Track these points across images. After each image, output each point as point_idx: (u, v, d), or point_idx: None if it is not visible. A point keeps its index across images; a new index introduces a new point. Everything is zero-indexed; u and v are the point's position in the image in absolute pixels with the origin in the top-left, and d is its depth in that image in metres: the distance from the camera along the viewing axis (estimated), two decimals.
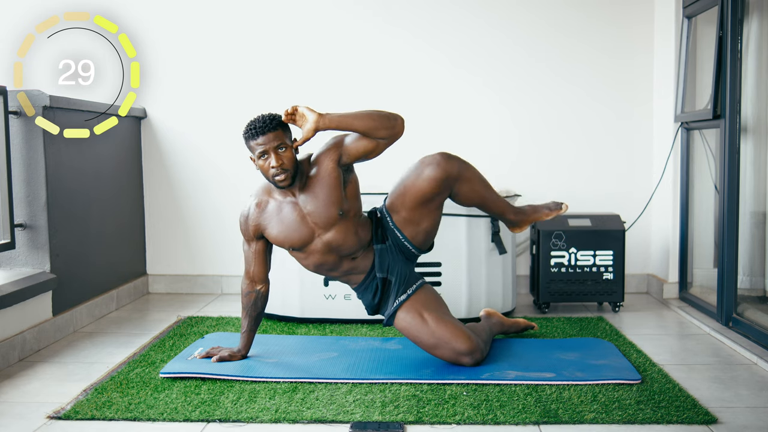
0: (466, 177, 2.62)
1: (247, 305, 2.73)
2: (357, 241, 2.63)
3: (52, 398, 2.41)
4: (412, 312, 2.63)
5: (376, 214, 2.73)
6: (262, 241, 2.68)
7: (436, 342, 2.60)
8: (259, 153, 2.50)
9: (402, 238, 2.66)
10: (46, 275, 3.08)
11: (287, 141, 2.51)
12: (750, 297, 3.29)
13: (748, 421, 2.20)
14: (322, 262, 2.65)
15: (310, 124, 2.46)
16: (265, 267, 2.72)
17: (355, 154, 2.55)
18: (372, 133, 2.50)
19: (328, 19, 4.06)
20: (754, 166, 3.29)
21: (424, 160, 2.60)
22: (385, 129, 2.51)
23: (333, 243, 2.60)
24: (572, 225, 3.58)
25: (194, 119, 4.11)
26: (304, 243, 2.61)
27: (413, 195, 2.60)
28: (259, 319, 2.77)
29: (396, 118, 2.53)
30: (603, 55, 4.05)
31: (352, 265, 2.69)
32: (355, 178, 2.66)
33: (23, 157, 3.08)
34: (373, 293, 2.70)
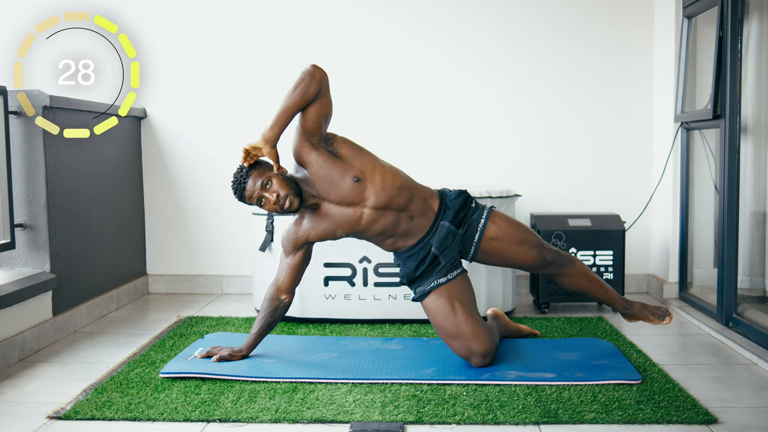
0: (566, 274, 2.76)
1: (266, 310, 2.73)
2: (397, 190, 2.62)
3: (52, 398, 2.41)
4: (446, 297, 2.65)
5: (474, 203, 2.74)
6: (301, 253, 2.71)
7: (457, 334, 2.62)
8: (256, 203, 2.60)
9: (477, 241, 2.69)
10: (46, 275, 3.08)
11: (268, 174, 2.57)
12: (750, 297, 3.29)
13: (748, 421, 2.20)
14: (385, 225, 2.64)
15: (264, 147, 2.53)
16: (295, 280, 2.75)
17: (315, 124, 2.57)
18: (305, 99, 2.52)
19: (328, 19, 4.06)
20: (754, 166, 3.29)
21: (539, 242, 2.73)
22: (310, 85, 2.52)
23: (378, 203, 2.60)
24: (572, 225, 3.58)
25: (194, 119, 4.11)
26: (356, 222, 2.62)
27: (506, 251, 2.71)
28: (273, 327, 2.77)
29: (308, 72, 2.54)
30: (603, 55, 4.05)
31: (409, 226, 2.66)
32: (342, 140, 2.66)
33: (23, 157, 3.08)
34: (418, 264, 2.68)
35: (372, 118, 4.04)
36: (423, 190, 2.72)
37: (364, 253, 3.34)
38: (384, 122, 4.06)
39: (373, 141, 3.35)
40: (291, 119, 2.55)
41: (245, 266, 4.08)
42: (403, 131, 4.07)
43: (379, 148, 3.21)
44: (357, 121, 3.89)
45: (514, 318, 3.44)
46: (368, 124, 3.99)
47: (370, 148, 2.77)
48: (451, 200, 2.71)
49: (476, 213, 2.71)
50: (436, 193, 2.74)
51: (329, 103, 2.60)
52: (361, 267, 3.35)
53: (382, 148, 3.30)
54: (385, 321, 3.36)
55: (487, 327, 2.72)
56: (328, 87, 2.59)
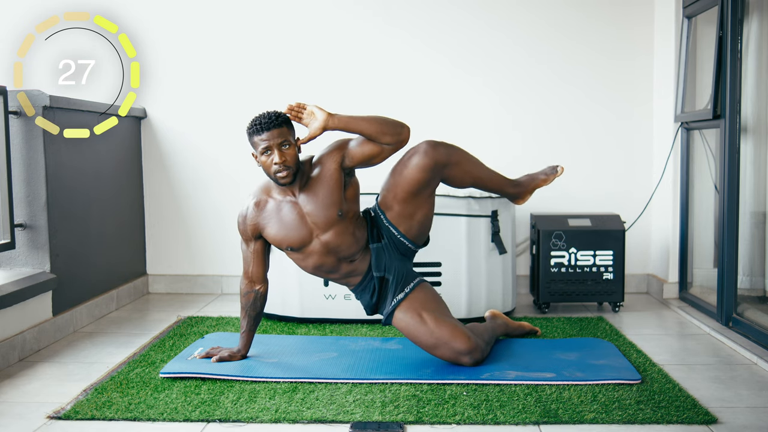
0: (454, 161, 2.61)
1: (246, 305, 2.73)
2: (354, 242, 2.63)
3: (52, 398, 2.41)
4: (411, 311, 2.63)
5: (370, 213, 2.73)
6: (260, 241, 2.68)
7: (436, 342, 2.60)
8: (262, 149, 2.49)
9: (397, 234, 2.66)
10: (46, 275, 3.08)
11: (291, 139, 2.51)
12: (750, 297, 3.29)
13: (748, 421, 2.20)
14: (321, 263, 2.65)
15: (318, 122, 2.48)
16: (263, 267, 2.72)
17: (359, 158, 2.55)
18: (378, 137, 2.50)
19: (327, 19, 4.06)
20: (754, 166, 3.29)
21: (409, 151, 2.61)
22: (392, 135, 2.51)
23: (331, 244, 2.60)
24: (572, 225, 3.58)
25: (194, 119, 4.11)
26: (303, 243, 2.60)
27: (404, 187, 2.59)
28: (259, 319, 2.76)
29: (403, 126, 2.54)
30: (603, 56, 4.05)
31: (350, 267, 2.68)
32: (356, 182, 2.66)
33: (23, 157, 3.08)
34: (371, 293, 2.70)
35: None
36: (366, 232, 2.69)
37: None
38: None
39: None
40: (354, 133, 2.53)
41: None
42: None
43: None
44: None
45: (514, 318, 3.44)
46: None
47: None
48: None
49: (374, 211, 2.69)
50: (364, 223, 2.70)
51: (383, 160, 2.57)
52: None
53: None
54: None
55: (467, 326, 2.71)
56: (394, 152, 2.57)
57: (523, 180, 2.82)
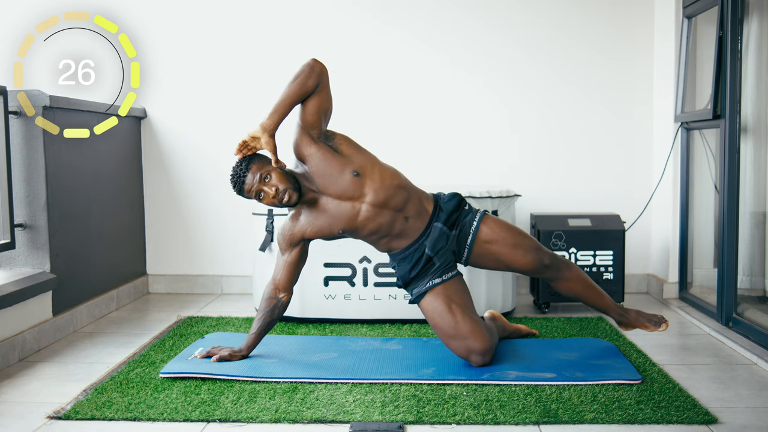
0: (563, 278, 2.77)
1: (264, 309, 2.73)
2: (395, 189, 2.63)
3: (52, 398, 2.41)
4: (442, 297, 2.65)
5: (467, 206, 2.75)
6: (297, 250, 2.70)
7: (455, 333, 2.62)
8: (255, 197, 2.59)
9: (467, 249, 2.70)
10: (46, 275, 3.08)
11: (267, 168, 2.57)
12: (750, 297, 3.29)
13: (748, 421, 2.20)
14: (381, 224, 2.63)
15: (261, 137, 2.54)
16: (292, 277, 2.74)
17: (314, 117, 2.58)
18: (304, 90, 2.54)
19: (327, 20, 4.06)
20: (754, 166, 3.29)
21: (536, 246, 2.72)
22: (309, 78, 2.54)
23: (379, 199, 2.60)
24: (572, 225, 3.58)
25: (194, 119, 4.11)
26: (352, 218, 2.61)
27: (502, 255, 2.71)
28: (271, 326, 2.76)
29: (308, 65, 2.57)
30: (603, 55, 4.05)
31: (404, 227, 2.66)
32: (342, 137, 2.67)
33: (23, 157, 3.08)
34: (412, 265, 2.69)
35: (372, 118, 4.04)
36: (419, 192, 2.73)
37: (364, 253, 3.34)
38: (384, 122, 4.06)
39: (374, 141, 3.35)
40: (289, 110, 2.56)
41: (245, 266, 4.08)
42: (404, 131, 4.07)
43: (380, 148, 3.20)
44: (357, 121, 3.89)
45: (514, 318, 3.44)
46: (368, 124, 3.99)
47: (370, 148, 2.77)
48: (445, 203, 2.73)
49: (469, 215, 2.72)
50: (431, 196, 2.76)
51: (329, 97, 2.61)
52: (361, 267, 3.35)
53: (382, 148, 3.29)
54: (385, 321, 3.36)
55: (486, 326, 2.72)
56: (328, 81, 2.60)
57: (630, 312, 2.85)
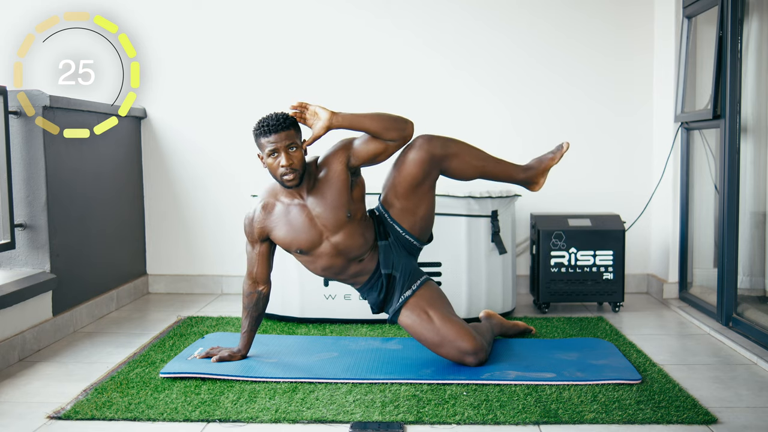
0: (452, 152, 2.59)
1: (248, 306, 2.73)
2: (364, 243, 2.63)
3: (52, 398, 2.41)
4: (417, 310, 2.63)
5: (375, 212, 2.73)
6: (266, 243, 2.68)
7: (441, 340, 2.60)
8: (269, 151, 2.48)
9: (402, 231, 2.66)
10: (46, 275, 3.08)
11: (298, 141, 2.51)
12: (750, 297, 3.29)
13: (748, 421, 2.20)
14: (330, 265, 2.64)
15: (322, 122, 2.47)
16: (267, 268, 2.73)
17: (365, 156, 2.55)
18: (383, 134, 2.50)
19: (328, 20, 4.06)
20: (754, 166, 3.29)
21: (406, 147, 2.61)
22: (396, 131, 2.51)
23: (341, 245, 2.60)
24: (572, 225, 3.58)
25: (194, 119, 4.11)
26: (313, 246, 2.60)
27: (403, 183, 2.59)
28: (260, 320, 2.77)
29: (406, 121, 2.54)
30: (603, 55, 4.05)
31: (359, 267, 2.68)
32: (362, 181, 2.66)
33: (23, 157, 3.08)
34: (379, 291, 2.69)
35: None
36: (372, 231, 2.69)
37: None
38: None
39: None
40: (359, 131, 2.53)
41: (245, 266, 4.06)
42: None
43: None
44: None
45: (513, 318, 3.44)
46: None
47: None
48: None
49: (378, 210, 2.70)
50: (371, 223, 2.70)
51: (388, 156, 2.57)
52: None
53: None
54: (385, 321, 3.36)
55: (471, 326, 2.72)
56: (399, 148, 2.57)
57: (532, 163, 2.77)
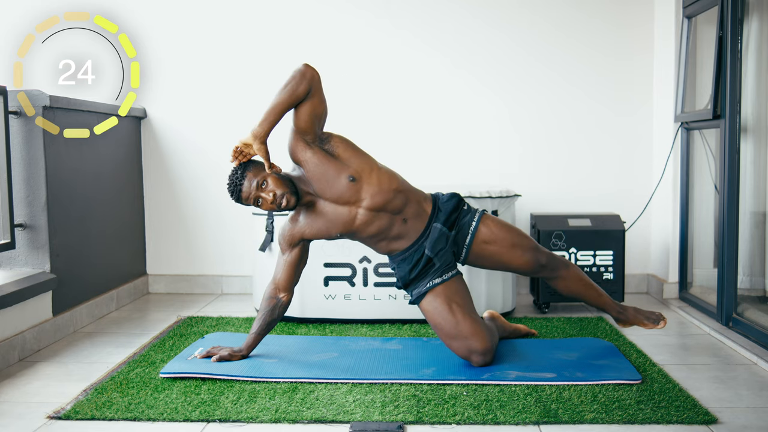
0: (561, 277, 2.78)
1: (265, 309, 2.73)
2: (393, 193, 2.63)
3: (52, 398, 2.41)
4: (442, 298, 2.65)
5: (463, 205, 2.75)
6: (297, 250, 2.71)
7: (457, 334, 2.62)
8: (254, 203, 2.61)
9: (467, 245, 2.71)
10: (46, 275, 3.08)
11: (262, 173, 2.58)
12: (750, 297, 3.29)
13: (748, 421, 2.20)
14: (379, 227, 2.65)
15: (254, 144, 2.55)
16: (292, 278, 2.74)
17: (307, 123, 2.58)
18: (295, 97, 2.54)
19: (328, 20, 4.06)
20: (754, 166, 3.29)
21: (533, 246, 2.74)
22: (300, 84, 2.54)
23: (373, 205, 2.61)
24: (572, 225, 3.58)
25: (194, 119, 4.11)
26: (349, 223, 2.63)
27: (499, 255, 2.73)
28: (271, 327, 2.77)
29: (299, 71, 2.56)
30: (603, 55, 4.05)
31: (402, 229, 2.67)
32: (339, 139, 2.66)
33: (23, 157, 3.08)
34: (412, 266, 2.69)
35: (373, 118, 4.04)
36: (417, 193, 2.73)
37: (364, 253, 3.34)
38: (385, 123, 4.06)
39: (374, 141, 3.36)
40: (280, 116, 2.56)
41: (245, 266, 4.08)
42: (404, 132, 4.07)
43: (380, 148, 3.21)
44: (358, 121, 3.89)
45: (514, 318, 3.44)
46: (369, 124, 3.99)
47: (371, 148, 2.77)
48: (443, 203, 2.73)
49: (468, 216, 2.73)
50: (430, 197, 2.76)
51: (322, 101, 2.60)
52: (361, 267, 3.35)
53: (382, 148, 3.30)
54: (385, 321, 3.36)
55: (486, 326, 2.72)
56: (320, 86, 2.58)
57: (628, 309, 2.86)
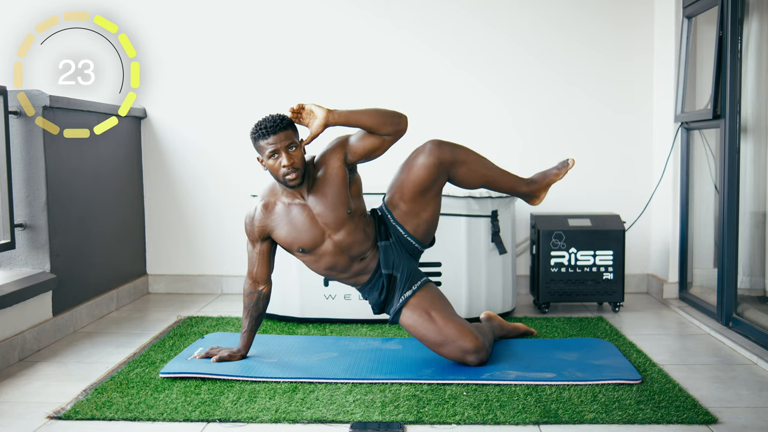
0: (460, 159, 2.61)
1: (248, 305, 2.73)
2: (365, 239, 2.64)
3: (52, 398, 2.41)
4: (419, 310, 2.63)
5: (377, 212, 2.74)
6: (267, 242, 2.69)
7: (443, 340, 2.60)
8: (269, 153, 2.50)
9: (404, 233, 2.67)
10: (46, 275, 3.08)
11: (296, 140, 2.53)
12: (750, 297, 3.29)
13: (748, 421, 2.20)
14: (333, 264, 2.65)
15: (319, 120, 2.48)
16: (268, 268, 2.73)
17: (361, 152, 2.56)
18: (378, 129, 2.51)
19: (328, 20, 4.06)
20: (754, 166, 3.29)
21: (415, 151, 2.63)
22: (391, 125, 2.53)
23: (344, 243, 2.60)
24: (572, 225, 3.58)
25: (194, 119, 4.11)
26: (315, 244, 2.61)
27: (410, 186, 2.61)
28: (260, 320, 2.77)
29: (401, 116, 2.56)
30: (603, 55, 4.05)
31: (361, 266, 2.69)
32: (359, 178, 2.68)
33: (23, 157, 3.08)
34: (380, 291, 2.70)
35: None
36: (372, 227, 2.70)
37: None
38: None
39: None
40: (355, 127, 2.54)
41: (245, 266, 4.07)
42: None
43: None
44: None
45: (514, 318, 3.44)
46: None
47: None
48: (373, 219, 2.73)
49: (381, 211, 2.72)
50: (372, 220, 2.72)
51: (384, 151, 2.58)
52: None
53: None
54: (385, 321, 3.36)
55: (472, 325, 2.72)
56: (395, 141, 2.57)
57: (536, 177, 2.79)
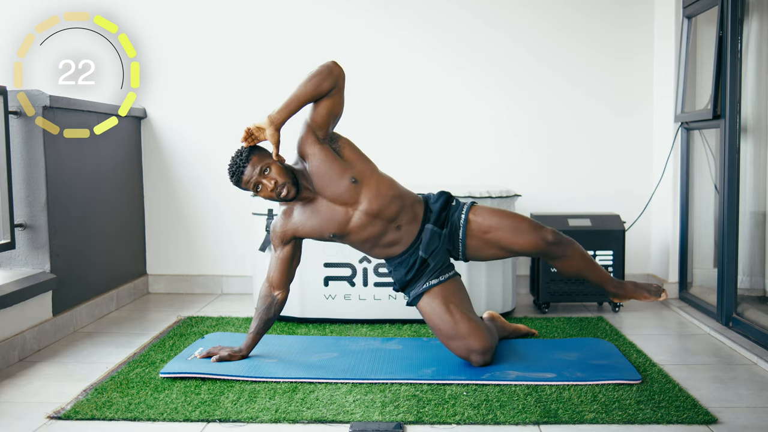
0: (566, 255, 2.68)
1: (260, 308, 2.73)
2: (392, 199, 2.63)
3: (52, 398, 2.41)
4: (440, 299, 2.65)
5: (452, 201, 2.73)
6: (288, 248, 2.70)
7: (455, 334, 2.62)
8: (252, 188, 2.58)
9: (461, 244, 2.69)
10: (46, 275, 3.08)
11: (267, 161, 2.56)
12: (750, 297, 3.29)
13: (748, 421, 2.20)
14: (370, 234, 2.64)
15: (268, 129, 2.52)
16: (285, 275, 2.73)
17: (324, 120, 2.58)
18: (319, 92, 2.54)
19: (328, 20, 4.06)
20: (754, 166, 3.29)
21: (535, 223, 2.67)
22: (326, 80, 2.54)
23: (370, 209, 2.60)
24: (572, 225, 3.58)
25: (194, 119, 4.11)
26: (343, 224, 2.62)
27: (502, 242, 2.66)
28: (269, 324, 2.76)
29: (327, 66, 2.58)
30: (603, 55, 4.05)
31: (397, 235, 2.67)
32: (346, 141, 2.66)
33: (23, 157, 3.08)
34: (408, 269, 2.69)
35: (372, 118, 4.04)
36: (412, 197, 2.72)
37: (364, 254, 3.33)
38: (384, 122, 4.06)
39: (374, 141, 3.36)
40: (300, 107, 2.55)
41: (245, 266, 4.08)
42: (404, 131, 4.07)
43: (380, 148, 3.22)
44: (358, 121, 3.87)
45: (514, 318, 3.44)
46: (369, 124, 3.99)
47: (371, 148, 2.77)
48: (433, 203, 2.73)
49: (457, 210, 2.72)
50: (421, 199, 2.75)
51: (341, 101, 2.61)
52: (361, 267, 3.35)
53: (383, 148, 3.31)
54: (385, 321, 3.36)
55: (485, 326, 2.72)
56: (343, 86, 2.60)
57: (626, 284, 2.81)
